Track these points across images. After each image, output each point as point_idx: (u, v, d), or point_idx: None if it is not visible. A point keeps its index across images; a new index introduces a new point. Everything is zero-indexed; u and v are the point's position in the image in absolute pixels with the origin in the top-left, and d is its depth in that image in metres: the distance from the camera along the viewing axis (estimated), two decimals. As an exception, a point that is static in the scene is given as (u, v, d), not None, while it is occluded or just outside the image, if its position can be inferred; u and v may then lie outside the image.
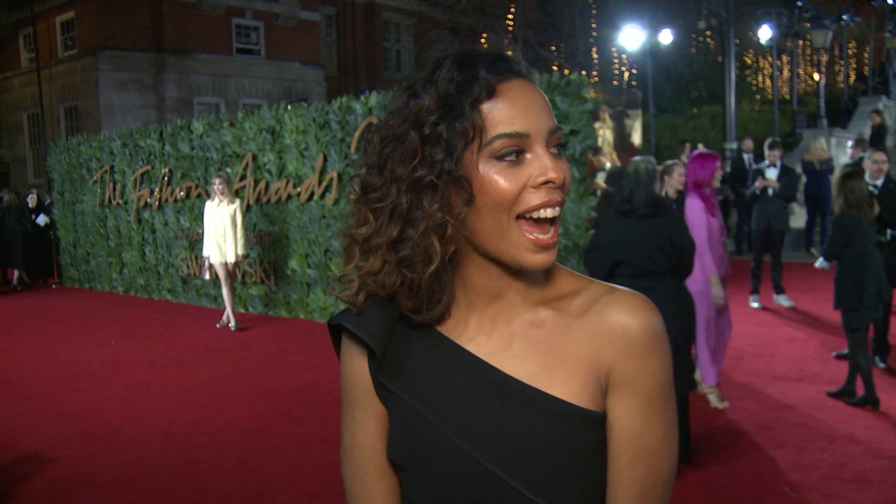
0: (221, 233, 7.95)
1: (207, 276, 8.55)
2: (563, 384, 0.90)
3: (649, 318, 0.89)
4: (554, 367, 0.91)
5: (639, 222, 3.73)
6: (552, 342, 0.92)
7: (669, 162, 5.40)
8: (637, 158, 3.98)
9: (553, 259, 0.91)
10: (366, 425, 1.00)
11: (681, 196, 5.21)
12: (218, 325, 8.48)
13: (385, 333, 0.96)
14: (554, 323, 0.93)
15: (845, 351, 5.34)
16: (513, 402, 0.90)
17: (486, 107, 0.86)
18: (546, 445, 0.88)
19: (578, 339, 0.91)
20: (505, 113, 0.86)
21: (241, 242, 8.04)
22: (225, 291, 8.32)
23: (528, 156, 0.87)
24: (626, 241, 3.74)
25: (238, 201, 8.11)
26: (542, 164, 0.87)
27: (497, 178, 0.86)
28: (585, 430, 0.89)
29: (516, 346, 0.93)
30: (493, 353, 0.93)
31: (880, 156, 6.03)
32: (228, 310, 8.36)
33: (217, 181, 7.95)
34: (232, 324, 8.32)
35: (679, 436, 4.03)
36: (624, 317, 0.89)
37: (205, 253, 8.21)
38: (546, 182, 0.87)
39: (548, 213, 0.88)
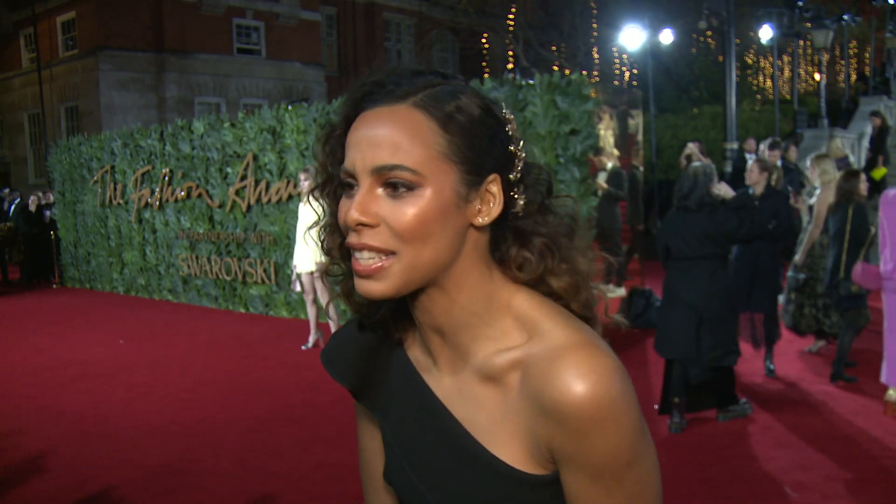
0: (303, 238, 6.62)
1: (298, 288, 7.16)
2: (504, 444, 0.85)
3: (595, 388, 0.77)
4: (497, 424, 0.85)
5: (689, 215, 4.50)
6: (499, 398, 0.85)
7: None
8: (697, 164, 4.80)
9: (378, 290, 0.81)
10: (372, 433, 1.04)
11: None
12: (303, 347, 7.21)
13: (356, 367, 0.99)
14: (503, 378, 0.85)
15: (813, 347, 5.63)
16: (460, 453, 0.88)
17: (347, 137, 0.85)
18: (489, 502, 0.86)
19: (520, 402, 0.83)
20: (347, 145, 0.84)
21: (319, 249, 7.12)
22: (308, 307, 7.24)
23: (355, 191, 0.82)
24: (674, 230, 4.57)
25: None
26: (351, 202, 0.82)
27: (339, 204, 0.86)
28: (525, 492, 0.84)
29: (469, 393, 0.88)
30: (450, 395, 0.90)
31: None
32: (313, 329, 7.19)
33: (303, 177, 6.90)
34: (310, 340, 7.18)
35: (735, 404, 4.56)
36: (561, 386, 0.78)
37: (294, 262, 7.14)
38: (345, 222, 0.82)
39: (358, 254, 0.82)
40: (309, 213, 6.68)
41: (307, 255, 6.76)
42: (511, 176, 0.86)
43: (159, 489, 4.02)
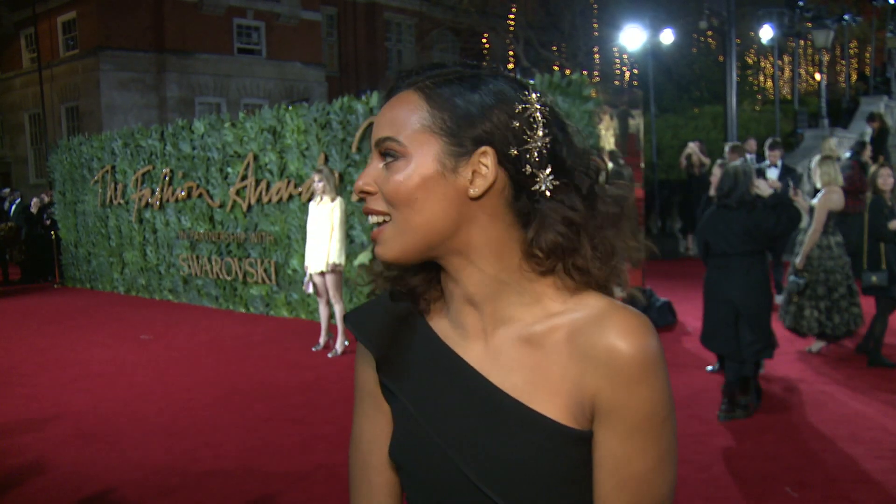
0: (315, 238, 6.71)
1: (310, 291, 7.02)
2: (546, 401, 0.88)
3: (641, 341, 0.85)
4: (537, 384, 0.89)
5: (729, 213, 4.68)
6: (539, 359, 0.90)
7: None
8: (737, 163, 5.07)
9: (381, 253, 0.91)
10: (374, 419, 1.03)
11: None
12: (313, 349, 7.10)
13: (385, 335, 1.00)
14: (543, 340, 0.90)
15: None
16: (497, 414, 0.90)
17: None
18: (527, 461, 0.87)
19: (566, 360, 0.88)
20: None
21: (334, 248, 6.63)
22: (321, 309, 7.11)
23: None
24: (713, 227, 4.76)
25: (339, 200, 6.72)
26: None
27: None
28: (568, 447, 0.87)
29: (504, 358, 0.92)
30: (483, 362, 0.93)
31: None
32: (336, 332, 7.03)
33: (316, 177, 6.76)
34: (338, 347, 6.89)
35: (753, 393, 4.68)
36: (612, 340, 0.85)
37: (305, 262, 6.94)
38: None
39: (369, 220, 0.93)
40: (320, 212, 6.68)
41: (319, 256, 6.68)
42: (512, 151, 0.89)
43: (159, 489, 4.03)
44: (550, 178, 0.90)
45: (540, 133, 0.90)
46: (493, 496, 0.88)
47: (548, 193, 0.90)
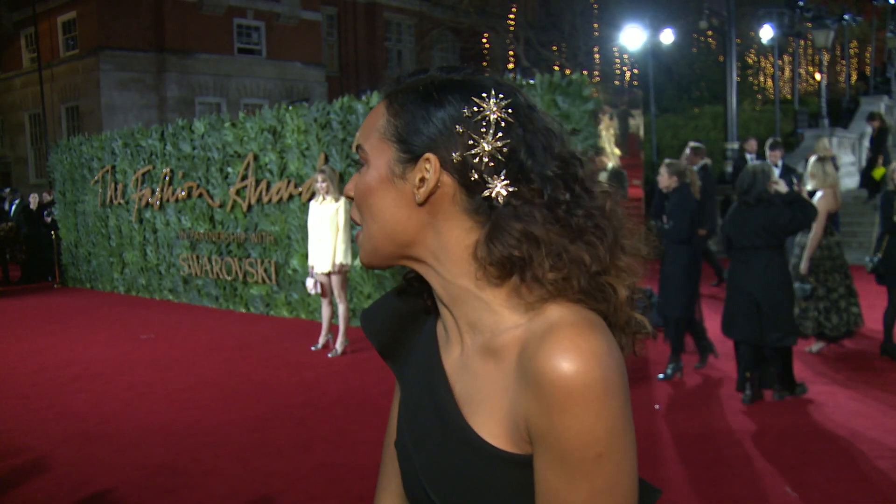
0: (319, 238, 6.68)
1: (313, 291, 6.91)
2: (486, 419, 0.85)
3: (577, 366, 0.76)
4: (484, 400, 0.86)
5: (748, 209, 4.95)
6: (493, 373, 0.86)
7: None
8: (756, 162, 5.38)
9: (361, 258, 0.95)
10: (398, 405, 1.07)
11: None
12: (312, 349, 7.11)
13: (389, 330, 1.03)
14: (502, 353, 0.85)
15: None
16: (448, 427, 0.89)
17: None
18: (466, 477, 0.86)
19: (509, 381, 0.83)
20: None
21: (340, 249, 6.62)
22: (323, 309, 7.06)
23: None
24: (735, 223, 5.03)
25: (343, 200, 6.56)
26: None
27: None
28: (500, 469, 0.84)
29: (472, 366, 0.89)
30: (456, 367, 0.92)
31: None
32: (337, 332, 6.98)
33: (320, 177, 6.69)
34: (320, 341, 7.03)
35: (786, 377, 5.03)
36: (544, 360, 0.78)
37: (310, 262, 6.88)
38: None
39: None
40: (323, 212, 6.65)
41: (324, 256, 6.64)
42: (455, 156, 0.86)
43: (159, 489, 4.03)
44: (503, 183, 0.85)
45: (490, 137, 0.85)
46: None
47: (500, 200, 0.85)
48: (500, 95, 0.88)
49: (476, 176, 0.86)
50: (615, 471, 0.78)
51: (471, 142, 0.86)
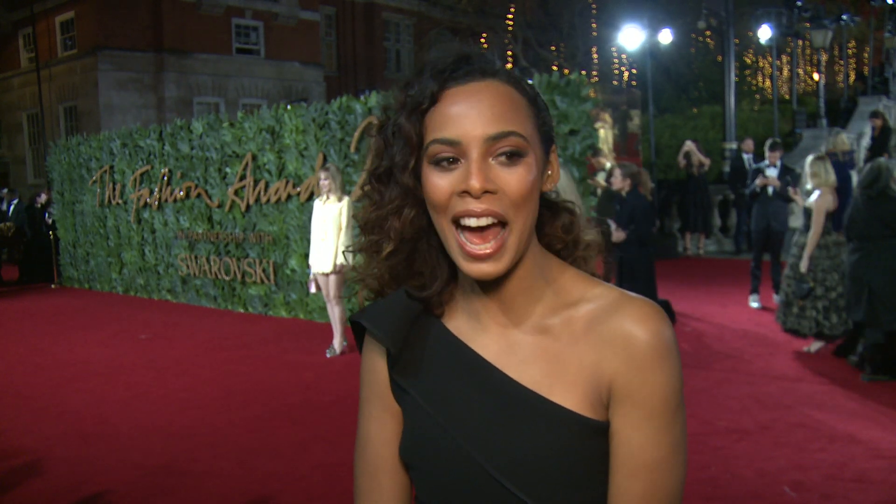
0: (322, 237, 6.55)
1: (313, 290, 6.90)
2: (564, 393, 0.88)
3: (656, 328, 0.86)
4: (556, 376, 0.89)
5: (870, 202, 5.33)
6: (556, 350, 0.90)
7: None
8: (882, 159, 5.65)
9: (495, 270, 0.87)
10: (382, 421, 1.01)
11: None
12: (328, 355, 6.81)
13: (401, 331, 0.97)
14: (560, 331, 0.91)
15: None
16: (516, 408, 0.90)
17: (430, 113, 0.88)
18: (549, 454, 0.87)
19: (583, 349, 0.89)
20: (440, 119, 0.87)
21: (342, 249, 6.34)
22: (329, 309, 6.89)
23: (462, 162, 0.86)
24: (857, 214, 5.41)
25: (346, 199, 6.56)
26: (466, 171, 0.85)
27: (430, 181, 0.88)
28: (587, 439, 0.87)
29: (521, 351, 0.92)
30: (500, 356, 0.93)
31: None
32: (337, 333, 6.85)
33: (322, 175, 6.59)
34: (336, 346, 6.82)
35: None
36: (628, 326, 0.87)
37: (310, 261, 6.80)
38: (464, 191, 0.85)
39: (470, 222, 0.86)
40: (327, 211, 6.58)
41: (325, 256, 6.55)
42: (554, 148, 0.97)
43: (158, 489, 4.02)
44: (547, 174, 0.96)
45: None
46: (515, 490, 0.87)
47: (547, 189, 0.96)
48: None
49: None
50: (683, 421, 0.89)
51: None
